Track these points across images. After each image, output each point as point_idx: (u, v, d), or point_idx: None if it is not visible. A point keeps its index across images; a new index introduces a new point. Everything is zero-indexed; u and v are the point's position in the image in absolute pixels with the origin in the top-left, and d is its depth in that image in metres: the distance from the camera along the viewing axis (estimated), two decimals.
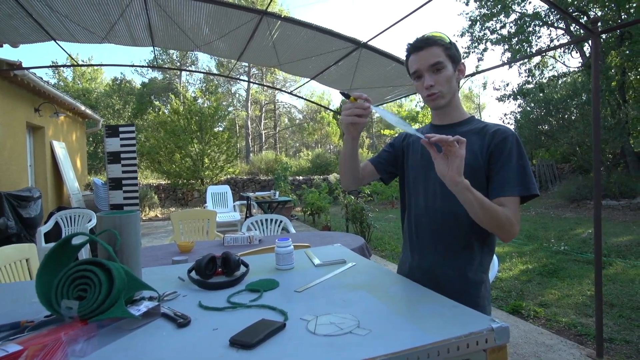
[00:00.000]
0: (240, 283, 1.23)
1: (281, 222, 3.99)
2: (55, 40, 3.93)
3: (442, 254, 1.21)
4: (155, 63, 22.77)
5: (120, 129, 5.58)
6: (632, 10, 11.12)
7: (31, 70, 5.77)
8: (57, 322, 0.90)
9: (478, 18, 15.22)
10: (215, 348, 0.78)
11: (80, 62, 25.80)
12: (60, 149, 7.16)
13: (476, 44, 15.68)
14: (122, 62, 14.70)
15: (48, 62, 24.88)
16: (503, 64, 6.53)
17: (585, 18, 12.29)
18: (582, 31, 2.50)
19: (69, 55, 4.93)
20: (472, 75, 4.75)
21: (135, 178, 5.60)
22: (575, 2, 12.57)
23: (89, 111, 8.85)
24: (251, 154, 25.38)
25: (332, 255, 1.54)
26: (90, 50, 40.87)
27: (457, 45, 1.24)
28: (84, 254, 4.53)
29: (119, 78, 27.74)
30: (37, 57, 39.27)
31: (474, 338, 0.78)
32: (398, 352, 0.73)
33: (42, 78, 6.25)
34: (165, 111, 12.90)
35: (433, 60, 1.16)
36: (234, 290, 1.16)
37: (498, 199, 1.10)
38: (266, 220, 4.02)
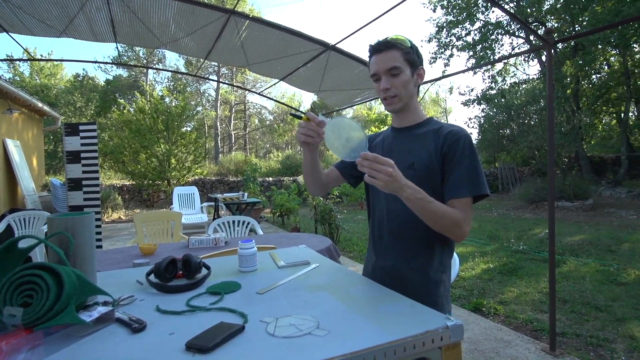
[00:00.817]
0: (201, 286, 1.20)
1: (249, 223, 3.95)
2: (7, 32, 3.71)
3: (403, 255, 1.23)
4: (120, 60, 21.95)
5: (81, 127, 5.34)
6: (584, 23, 11.82)
7: None
8: (0, 331, 0.85)
9: (445, 25, 15.73)
10: (171, 353, 0.76)
11: (38, 57, 24.51)
12: (14, 147, 6.76)
13: (443, 50, 16.18)
14: (85, 57, 14.09)
15: (2, 56, 23.48)
16: (467, 70, 6.77)
17: (543, 29, 12.93)
18: (539, 41, 2.65)
19: (25, 50, 4.67)
20: (438, 79, 4.90)
21: (97, 179, 5.37)
22: (534, 14, 13.23)
23: (46, 108, 8.41)
24: (220, 155, 24.95)
25: (297, 256, 1.54)
26: (49, 45, 38.90)
27: (419, 50, 1.26)
28: (40, 259, 4.30)
29: (81, 74, 26.56)
30: None
31: (430, 336, 0.80)
32: (355, 351, 0.73)
33: None
34: (131, 110, 12.43)
35: (390, 65, 1.18)
36: (195, 294, 1.13)
37: (451, 200, 1.14)
38: (233, 222, 3.97)
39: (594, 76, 13.53)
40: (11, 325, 0.81)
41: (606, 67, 13.51)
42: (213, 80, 28.88)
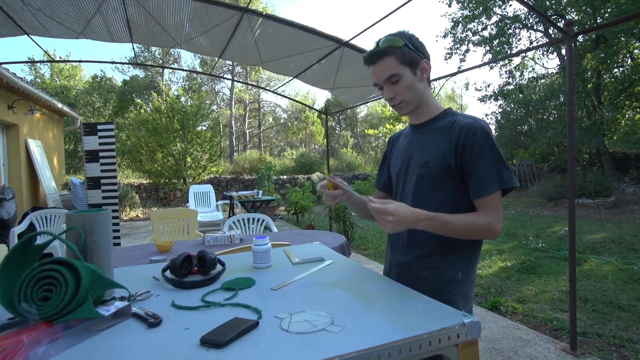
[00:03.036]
0: (215, 282, 1.21)
1: (263, 221, 3.97)
2: (28, 35, 3.81)
3: (417, 253, 1.21)
4: (136, 60, 22.34)
5: (99, 127, 5.45)
6: (606, 15, 11.47)
7: (4, 65, 5.58)
8: (21, 324, 0.87)
9: (460, 19, 15.46)
10: (185, 348, 0.77)
11: (58, 59, 25.15)
12: (36, 147, 6.95)
13: (458, 45, 15.92)
14: (102, 59, 14.37)
15: (24, 59, 24.15)
16: (483, 64, 6.65)
17: (563, 21, 12.61)
18: (559, 34, 2.57)
19: (45, 51, 4.79)
20: (454, 74, 4.83)
21: (115, 177, 5.48)
22: (554, 6, 12.89)
23: (66, 108, 8.61)
24: (235, 153, 25.17)
25: (311, 253, 1.54)
26: (68, 47, 39.84)
27: (419, 41, 1.18)
28: (62, 256, 4.41)
29: (99, 75, 27.13)
30: (11, 53, 38.03)
31: (446, 333, 0.78)
32: (369, 348, 0.72)
33: (15, 74, 6.04)
34: (147, 109, 12.62)
35: (387, 74, 1.14)
36: (209, 289, 1.14)
37: (477, 200, 1.10)
38: (248, 219, 3.99)
39: (616, 70, 13.12)
40: (31, 319, 0.83)
41: (629, 60, 13.09)
42: (227, 79, 29.14)
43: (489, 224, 1.07)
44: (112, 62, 8.01)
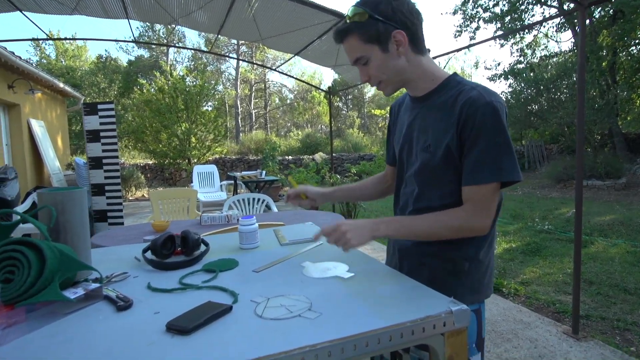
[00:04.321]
0: (197, 263, 1.16)
1: (264, 201, 3.93)
2: (20, 11, 3.72)
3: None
4: (141, 39, 22.09)
5: (99, 107, 5.39)
6: None
7: (2, 44, 5.50)
8: None
9: None
10: (151, 333, 0.72)
11: (62, 38, 24.96)
12: (38, 127, 6.94)
13: (468, 22, 15.44)
14: (107, 38, 14.16)
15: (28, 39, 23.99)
16: (492, 38, 6.42)
17: None
18: (571, 4, 2.40)
19: (40, 29, 4.68)
20: (461, 49, 4.65)
21: (116, 157, 5.45)
22: None
23: (68, 88, 8.54)
24: (241, 134, 25.08)
25: (303, 233, 1.48)
26: (74, 27, 39.52)
27: (389, 5, 0.96)
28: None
29: (104, 56, 26.94)
30: (14, 34, 37.86)
31: (431, 321, 0.72)
32: (346, 337, 0.67)
33: (14, 53, 5.96)
34: (151, 90, 12.53)
35: (353, 57, 1.02)
36: (190, 271, 1.09)
37: (465, 188, 0.96)
38: (249, 199, 3.95)
39: (633, 47, 12.64)
40: None
41: None
42: (232, 57, 28.78)
43: (466, 224, 0.94)
44: (115, 40, 7.92)
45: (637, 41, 12.44)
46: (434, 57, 4.31)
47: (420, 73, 1.03)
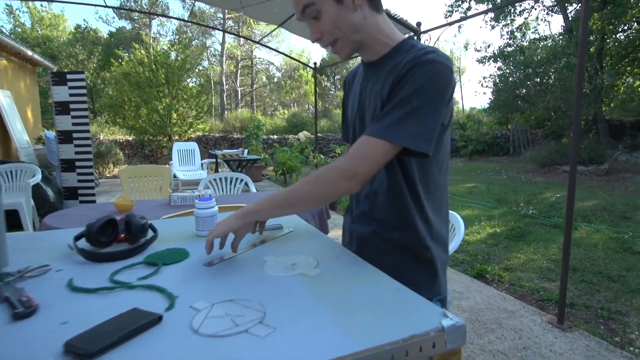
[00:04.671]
0: (140, 254, 0.97)
1: (242, 180, 3.73)
2: None
3: (377, 226, 0.98)
4: (123, 6, 21.05)
5: (69, 77, 5.02)
6: None
7: None
8: None
9: None
10: (43, 354, 0.54)
11: (40, 6, 23.69)
12: (4, 97, 6.48)
13: (460, 2, 15.12)
14: (86, 8, 13.38)
15: (1, 5, 22.64)
16: (485, 11, 6.20)
17: None
18: None
19: None
20: (449, 25, 4.44)
21: (87, 132, 5.13)
22: None
23: (37, 57, 8.01)
24: (226, 112, 24.49)
25: (271, 219, 1.30)
26: None
27: None
28: (28, 216, 4.17)
29: (83, 26, 25.69)
30: None
31: (417, 342, 0.56)
32: None
33: None
34: (130, 63, 11.94)
35: (300, 5, 0.86)
36: (129, 263, 0.90)
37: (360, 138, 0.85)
38: (226, 178, 3.75)
39: (620, 33, 12.58)
40: None
41: (635, 24, 12.52)
42: (217, 29, 27.81)
43: (335, 168, 0.83)
44: (95, 5, 7.47)
45: (625, 26, 12.39)
46: (424, 32, 4.09)
47: (376, 33, 0.91)
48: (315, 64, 7.98)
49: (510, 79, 12.52)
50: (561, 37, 12.95)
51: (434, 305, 0.64)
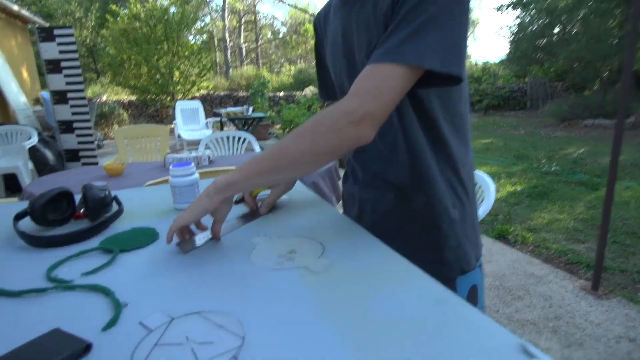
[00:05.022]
0: (98, 235, 0.75)
1: (245, 139, 3.48)
2: None
3: (396, 192, 0.76)
4: None
5: (56, 32, 4.69)
6: None
7: None
8: None
9: None
10: None
11: None
12: None
13: None
14: None
15: None
16: None
17: None
18: None
19: None
20: None
21: (82, 90, 4.86)
22: None
23: (25, 12, 7.55)
24: (231, 69, 23.75)
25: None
26: None
27: None
28: (27, 178, 4.01)
29: None
30: None
31: None
32: None
33: None
34: (125, 17, 11.36)
35: None
36: (81, 249, 0.69)
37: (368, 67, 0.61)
38: (228, 137, 3.51)
39: None
40: None
41: None
42: None
43: (336, 109, 0.60)
44: None
45: None
46: None
47: None
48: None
49: (531, 27, 11.68)
50: None
51: (502, 329, 0.41)
